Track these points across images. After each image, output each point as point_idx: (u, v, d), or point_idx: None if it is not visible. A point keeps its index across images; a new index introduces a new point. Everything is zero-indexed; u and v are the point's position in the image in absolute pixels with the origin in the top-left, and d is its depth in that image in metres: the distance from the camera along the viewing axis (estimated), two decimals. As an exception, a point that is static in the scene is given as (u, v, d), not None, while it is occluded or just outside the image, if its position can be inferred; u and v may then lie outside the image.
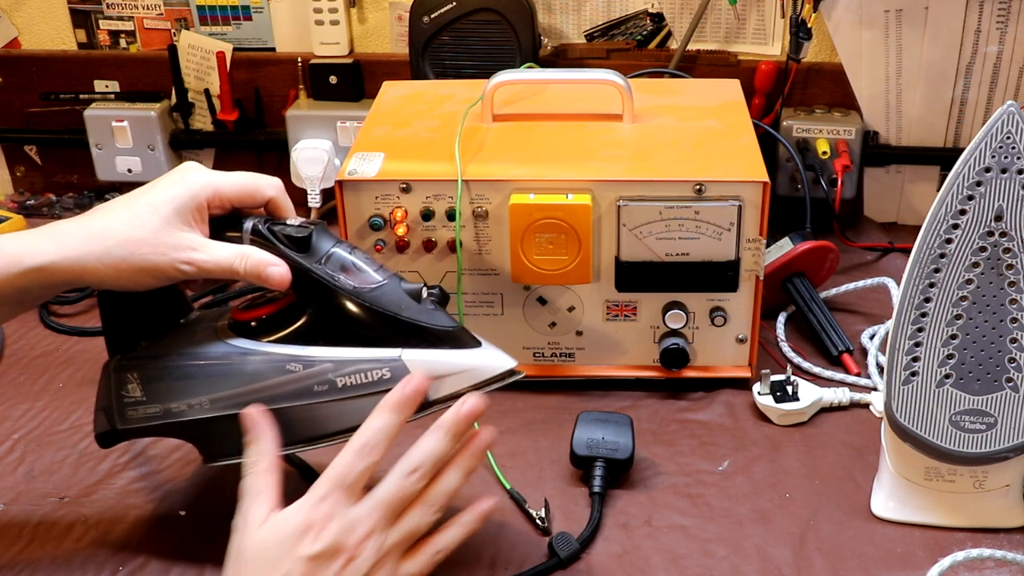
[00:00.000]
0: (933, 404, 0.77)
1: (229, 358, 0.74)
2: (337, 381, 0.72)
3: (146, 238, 0.70)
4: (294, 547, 0.65)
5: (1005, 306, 0.75)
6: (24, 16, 1.38)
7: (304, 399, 0.72)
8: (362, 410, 0.70)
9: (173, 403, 0.75)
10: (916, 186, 1.29)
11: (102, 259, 0.70)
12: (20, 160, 1.45)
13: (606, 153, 0.97)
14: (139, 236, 0.70)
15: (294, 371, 0.72)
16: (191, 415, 0.74)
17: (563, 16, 1.30)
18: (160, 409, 0.75)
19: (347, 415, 0.72)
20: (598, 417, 0.89)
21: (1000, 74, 1.21)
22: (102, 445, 0.79)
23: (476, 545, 0.81)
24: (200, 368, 0.74)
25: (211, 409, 0.74)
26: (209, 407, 0.74)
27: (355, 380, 0.72)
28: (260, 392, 0.73)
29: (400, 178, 0.93)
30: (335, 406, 0.72)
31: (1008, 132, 0.71)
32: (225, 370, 0.73)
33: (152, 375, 0.75)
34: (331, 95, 1.33)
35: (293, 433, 0.72)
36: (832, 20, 1.22)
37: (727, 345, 0.98)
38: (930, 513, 0.82)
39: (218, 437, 0.74)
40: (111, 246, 0.70)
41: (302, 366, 0.72)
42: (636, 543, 0.81)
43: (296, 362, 0.72)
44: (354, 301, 0.73)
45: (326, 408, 0.72)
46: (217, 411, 0.73)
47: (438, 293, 0.74)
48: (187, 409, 0.74)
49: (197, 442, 0.76)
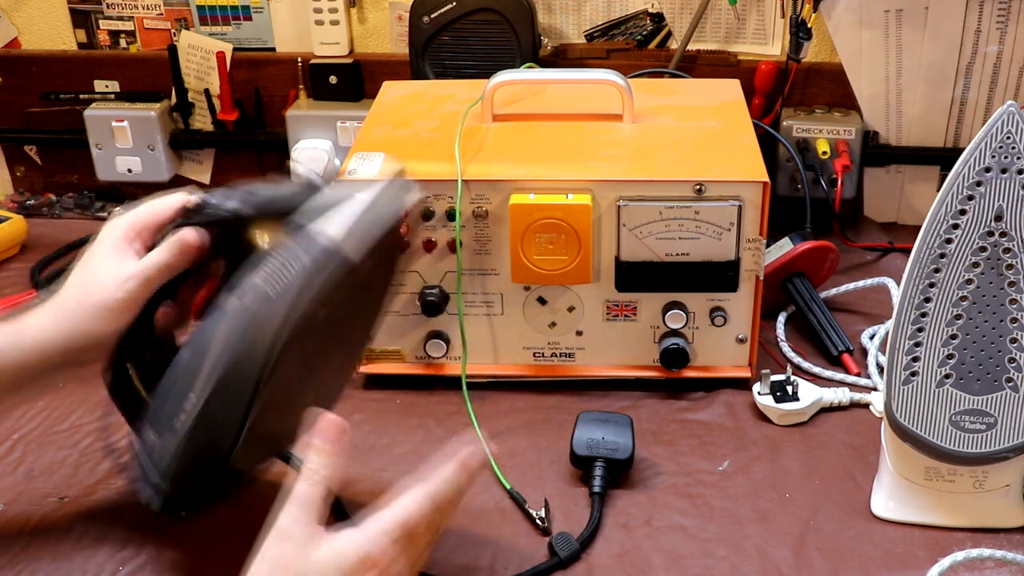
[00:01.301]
0: (933, 404, 0.77)
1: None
2: (269, 291, 0.70)
3: (92, 288, 0.75)
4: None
5: (1005, 306, 0.75)
6: (24, 16, 1.38)
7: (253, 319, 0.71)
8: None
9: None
10: (916, 186, 1.29)
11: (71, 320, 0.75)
12: (20, 160, 1.45)
13: (606, 153, 0.97)
14: (90, 297, 0.75)
15: (235, 304, 0.71)
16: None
17: (563, 16, 1.30)
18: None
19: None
20: (598, 417, 0.89)
21: (1000, 74, 1.21)
22: (169, 513, 0.76)
23: (476, 545, 0.81)
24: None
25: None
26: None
27: (283, 280, 0.70)
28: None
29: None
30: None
31: (1008, 132, 0.71)
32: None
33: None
34: (331, 95, 1.33)
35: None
36: (832, 20, 1.22)
37: (727, 345, 0.98)
38: (930, 513, 0.82)
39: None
40: (73, 308, 0.75)
41: (236, 299, 0.71)
42: (636, 543, 0.82)
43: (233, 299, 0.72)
44: (248, 221, 0.74)
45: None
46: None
47: (439, 293, 0.73)
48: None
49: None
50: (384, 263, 0.76)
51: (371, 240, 0.70)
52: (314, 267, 0.69)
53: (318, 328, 0.71)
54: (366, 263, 0.70)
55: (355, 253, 0.69)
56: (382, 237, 0.70)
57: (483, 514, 0.85)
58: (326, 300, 0.69)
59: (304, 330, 0.69)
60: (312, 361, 0.75)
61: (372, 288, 0.76)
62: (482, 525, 0.83)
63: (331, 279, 0.68)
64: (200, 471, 0.74)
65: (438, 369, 1.00)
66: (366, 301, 0.77)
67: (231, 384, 0.69)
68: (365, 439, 0.94)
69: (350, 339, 0.78)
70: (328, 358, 0.77)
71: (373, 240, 0.70)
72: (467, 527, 0.83)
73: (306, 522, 0.65)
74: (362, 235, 0.70)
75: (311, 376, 0.76)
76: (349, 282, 0.70)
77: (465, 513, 0.84)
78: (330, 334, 0.74)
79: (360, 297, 0.75)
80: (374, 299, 0.79)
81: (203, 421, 0.71)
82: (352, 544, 0.65)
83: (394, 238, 0.74)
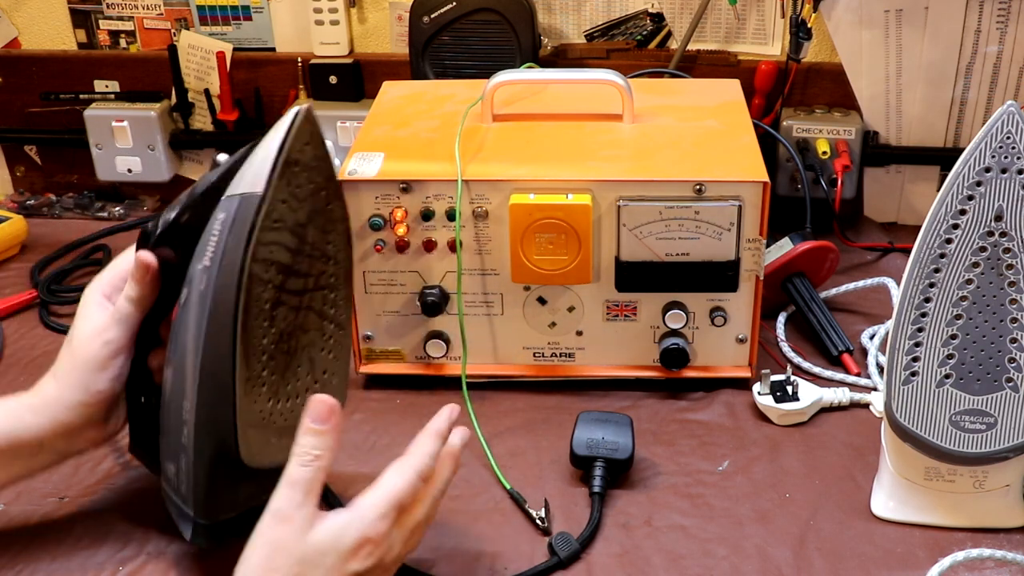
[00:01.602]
0: (933, 404, 0.77)
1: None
2: (209, 264, 0.71)
3: (79, 349, 0.77)
4: (347, 560, 0.66)
5: (1005, 306, 0.75)
6: (24, 16, 1.38)
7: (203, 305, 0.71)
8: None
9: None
10: (916, 186, 1.29)
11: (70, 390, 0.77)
12: (20, 160, 1.45)
13: (606, 153, 0.97)
14: (79, 356, 0.77)
15: (189, 296, 0.72)
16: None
17: (563, 16, 1.30)
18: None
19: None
20: (598, 417, 0.89)
21: (1000, 74, 1.21)
22: (217, 542, 0.77)
23: (476, 545, 0.81)
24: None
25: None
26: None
27: (216, 247, 0.71)
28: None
29: (400, 178, 0.93)
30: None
31: (1008, 132, 0.71)
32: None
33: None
34: (331, 95, 1.33)
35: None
36: (832, 20, 1.22)
37: (727, 345, 0.98)
38: (930, 513, 0.82)
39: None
40: (68, 370, 0.77)
41: (188, 290, 0.72)
42: (636, 543, 0.82)
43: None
44: (193, 222, 0.74)
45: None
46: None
47: (440, 293, 0.73)
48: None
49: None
50: (316, 211, 0.74)
51: (269, 167, 0.70)
52: (230, 218, 0.69)
53: (275, 292, 0.71)
54: (279, 197, 0.70)
55: (256, 186, 0.69)
56: (282, 166, 0.70)
57: (483, 514, 0.85)
58: (262, 252, 0.69)
59: (258, 291, 0.70)
60: (293, 340, 0.75)
61: (318, 246, 0.75)
62: (482, 525, 0.83)
63: (252, 222, 0.69)
64: (221, 480, 0.74)
65: (438, 369, 1.00)
66: (318, 260, 0.75)
67: (212, 368, 0.70)
68: (365, 439, 0.94)
69: (326, 316, 0.78)
70: (313, 340, 0.77)
71: (271, 167, 0.69)
72: (467, 527, 0.83)
73: (302, 503, 0.66)
74: (258, 168, 0.70)
75: (298, 356, 0.76)
76: (276, 225, 0.70)
77: (465, 513, 0.85)
78: (298, 306, 0.74)
79: (308, 256, 0.74)
80: (330, 261, 0.77)
81: (203, 421, 0.72)
82: (348, 526, 0.66)
83: (312, 177, 0.72)
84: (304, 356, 0.76)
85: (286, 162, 0.70)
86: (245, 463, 0.73)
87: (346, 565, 0.66)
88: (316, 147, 0.72)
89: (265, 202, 0.69)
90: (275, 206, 0.70)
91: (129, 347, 0.77)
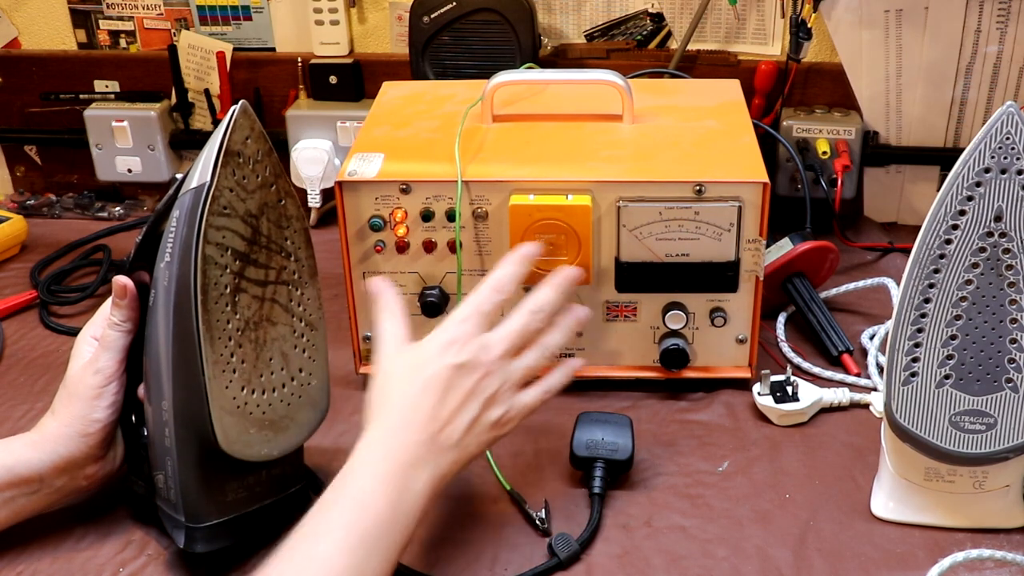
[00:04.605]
0: (933, 404, 0.77)
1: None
2: (169, 259, 0.74)
3: (74, 386, 0.80)
4: (441, 355, 0.75)
5: (1005, 306, 0.75)
6: (24, 16, 1.38)
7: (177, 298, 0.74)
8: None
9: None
10: (916, 186, 1.29)
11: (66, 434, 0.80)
12: (20, 160, 1.45)
13: (606, 153, 0.97)
14: (74, 392, 0.80)
15: (155, 296, 0.76)
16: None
17: (563, 16, 1.30)
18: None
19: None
20: (598, 418, 0.89)
21: (1000, 74, 1.21)
22: (207, 546, 0.78)
23: (476, 545, 0.81)
24: None
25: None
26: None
27: (174, 243, 0.74)
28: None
29: (400, 178, 0.93)
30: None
31: (1008, 132, 0.71)
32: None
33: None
34: (331, 95, 1.33)
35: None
36: (832, 20, 1.22)
37: (727, 345, 0.98)
38: (930, 513, 0.82)
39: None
40: (65, 405, 0.80)
41: (155, 291, 0.76)
42: (636, 544, 0.82)
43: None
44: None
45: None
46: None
47: (439, 294, 0.75)
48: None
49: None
50: (268, 204, 0.76)
51: (213, 158, 0.73)
52: (184, 213, 0.73)
53: (234, 278, 0.74)
54: (226, 185, 0.73)
55: (203, 177, 0.73)
56: (224, 155, 0.73)
57: (483, 514, 0.85)
58: (214, 236, 0.72)
59: (215, 273, 0.73)
60: (260, 330, 0.76)
61: (275, 240, 0.77)
62: (482, 525, 0.84)
63: (201, 208, 0.72)
64: (207, 479, 0.76)
65: (438, 369, 1.00)
66: (277, 254, 0.77)
67: (182, 353, 0.74)
68: (365, 439, 0.94)
69: (294, 312, 0.79)
70: (283, 335, 0.78)
71: (215, 157, 0.73)
72: (467, 527, 0.83)
73: (393, 345, 0.77)
74: (204, 163, 0.74)
75: (268, 348, 0.77)
76: (226, 211, 0.73)
77: (465, 513, 0.85)
78: (262, 297, 0.76)
79: (266, 248, 0.76)
80: (291, 257, 0.78)
81: (179, 411, 0.75)
82: (434, 332, 0.77)
83: (258, 170, 0.75)
84: (275, 349, 0.78)
85: (227, 152, 0.73)
86: (224, 451, 0.75)
87: (441, 359, 0.74)
88: (257, 141, 0.75)
89: (211, 188, 0.72)
90: (222, 192, 0.73)
91: (120, 374, 0.80)
